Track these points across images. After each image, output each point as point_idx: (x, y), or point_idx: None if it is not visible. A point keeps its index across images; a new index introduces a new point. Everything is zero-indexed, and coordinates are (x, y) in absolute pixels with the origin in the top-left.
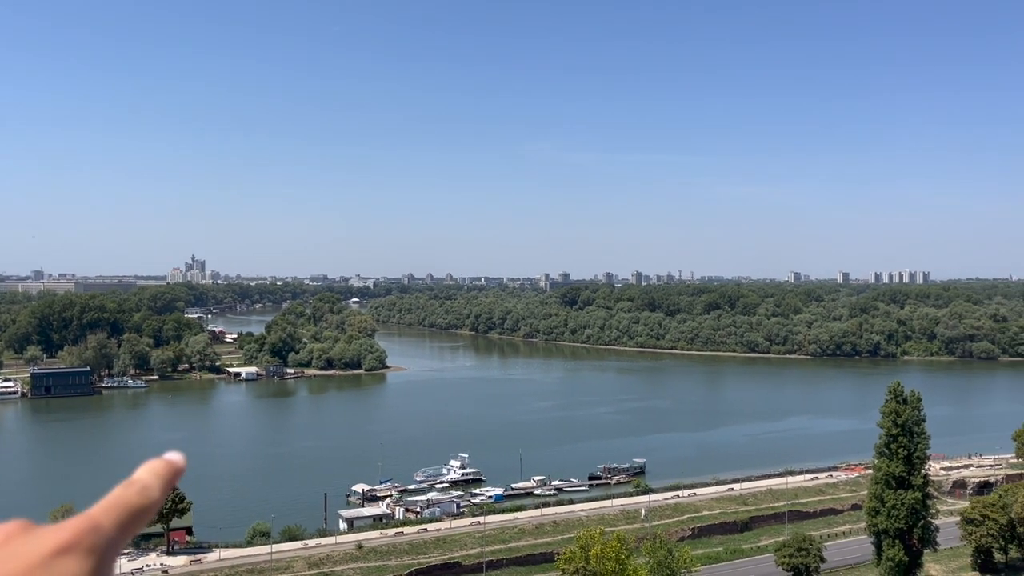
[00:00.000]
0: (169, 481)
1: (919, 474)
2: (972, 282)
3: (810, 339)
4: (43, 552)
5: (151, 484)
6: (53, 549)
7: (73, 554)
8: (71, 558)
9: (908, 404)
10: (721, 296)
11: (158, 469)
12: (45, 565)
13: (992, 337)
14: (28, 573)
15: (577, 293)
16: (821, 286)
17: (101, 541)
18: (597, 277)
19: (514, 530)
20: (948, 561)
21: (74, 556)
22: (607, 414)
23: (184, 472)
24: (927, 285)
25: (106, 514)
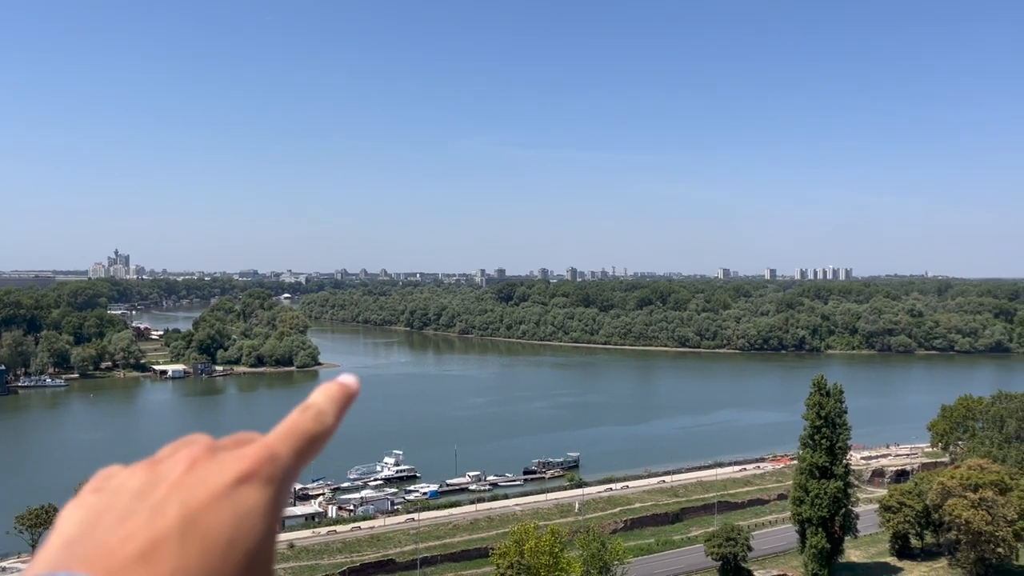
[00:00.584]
0: (343, 406)
1: (841, 464)
2: (891, 279)
3: (739, 334)
4: (225, 481)
5: (326, 409)
6: (235, 478)
7: (253, 483)
8: (251, 488)
9: (831, 396)
10: (653, 292)
11: (333, 393)
12: (227, 494)
13: (909, 331)
14: (211, 502)
15: (513, 289)
16: (749, 282)
17: (278, 470)
18: (533, 273)
19: (448, 526)
20: (867, 547)
21: (254, 486)
22: (542, 409)
23: (357, 396)
24: (849, 282)
25: (282, 442)
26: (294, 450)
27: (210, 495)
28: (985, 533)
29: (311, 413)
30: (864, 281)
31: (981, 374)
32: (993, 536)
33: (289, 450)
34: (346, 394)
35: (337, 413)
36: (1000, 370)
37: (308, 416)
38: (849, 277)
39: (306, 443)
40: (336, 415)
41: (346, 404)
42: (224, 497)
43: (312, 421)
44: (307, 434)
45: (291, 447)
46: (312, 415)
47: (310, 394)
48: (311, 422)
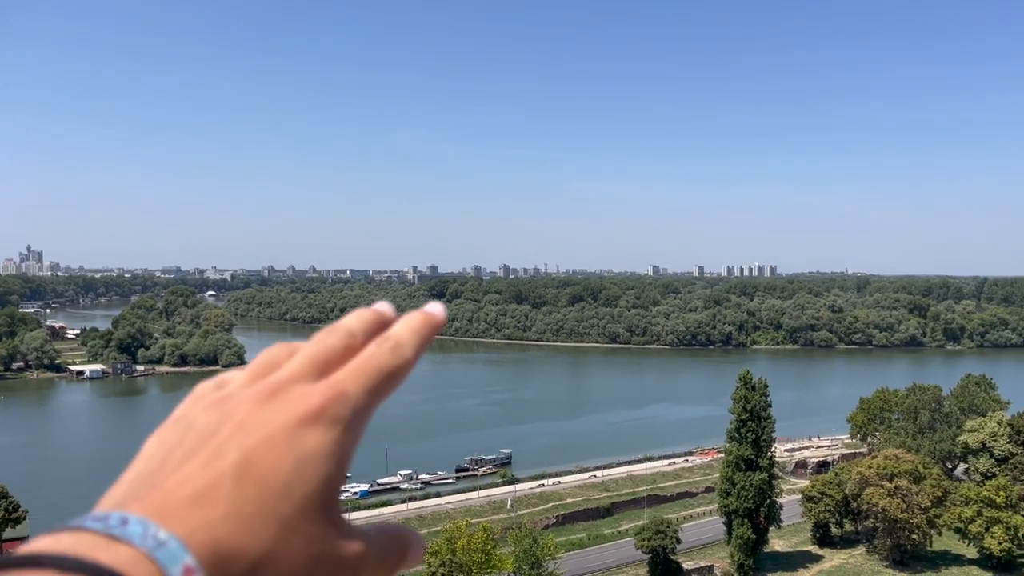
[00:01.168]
0: (427, 337)
1: (766, 456)
2: (813, 275)
3: (668, 330)
4: (288, 422)
5: (406, 341)
6: (298, 419)
7: (318, 425)
8: (315, 429)
9: (756, 391)
10: (585, 289)
11: (415, 323)
12: (288, 436)
13: (830, 326)
14: (271, 444)
15: (446, 286)
16: (678, 279)
17: (347, 410)
18: (466, 270)
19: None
20: (791, 537)
21: (318, 427)
22: (475, 406)
23: (442, 326)
24: (774, 278)
25: (354, 378)
26: (367, 387)
27: (270, 436)
28: (900, 520)
29: (388, 345)
30: (788, 278)
31: (897, 367)
32: (908, 523)
33: (361, 388)
34: (431, 323)
35: (418, 345)
36: (914, 363)
37: (385, 349)
38: (774, 274)
39: (381, 379)
40: (417, 348)
41: (429, 336)
42: (285, 439)
43: (389, 354)
44: (383, 369)
45: (363, 384)
46: (389, 347)
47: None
48: (388, 355)
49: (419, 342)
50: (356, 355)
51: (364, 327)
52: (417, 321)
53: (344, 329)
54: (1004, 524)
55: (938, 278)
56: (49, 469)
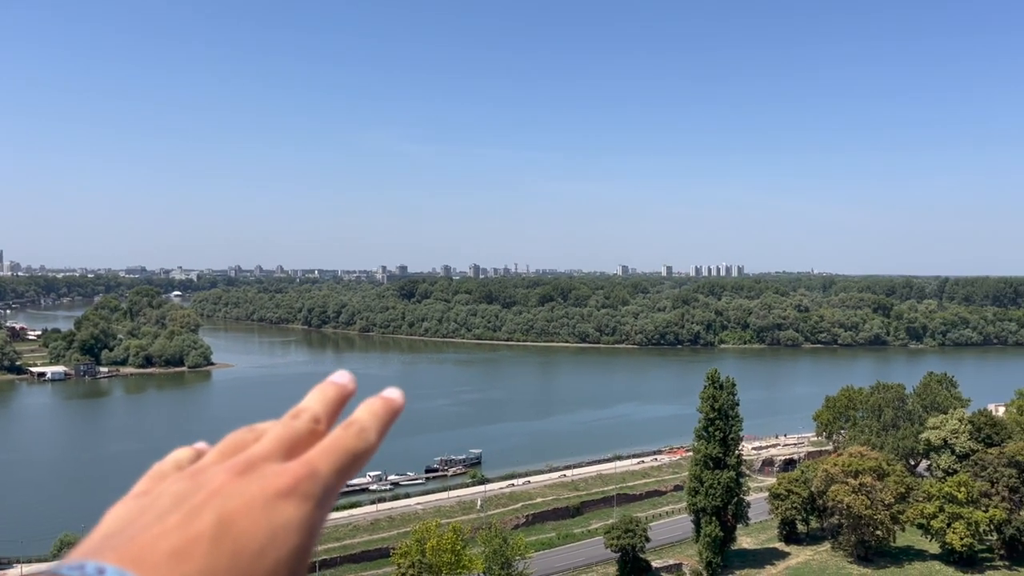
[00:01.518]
0: (387, 422)
1: (733, 455)
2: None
3: (637, 329)
4: (264, 494)
5: (369, 426)
6: (274, 492)
7: (291, 499)
8: (289, 503)
9: (724, 389)
10: (554, 288)
11: (376, 409)
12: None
13: (796, 326)
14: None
15: (415, 286)
16: (647, 279)
17: (318, 487)
18: (435, 270)
19: (348, 527)
20: (758, 534)
21: (292, 501)
22: (445, 406)
23: (401, 411)
24: (741, 278)
25: (324, 458)
26: (335, 467)
27: (247, 505)
28: (865, 517)
29: (354, 430)
30: (755, 278)
31: (861, 366)
32: (872, 519)
33: (330, 467)
34: (390, 409)
35: (380, 429)
36: (878, 362)
37: (351, 433)
38: (741, 274)
39: (348, 460)
40: (379, 431)
41: (390, 420)
42: (261, 508)
43: (355, 438)
44: (349, 451)
45: (332, 464)
46: (355, 432)
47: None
48: (353, 439)
49: (381, 427)
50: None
51: (327, 409)
52: (379, 406)
53: (309, 414)
54: (965, 520)
55: (901, 278)
56: (9, 472)
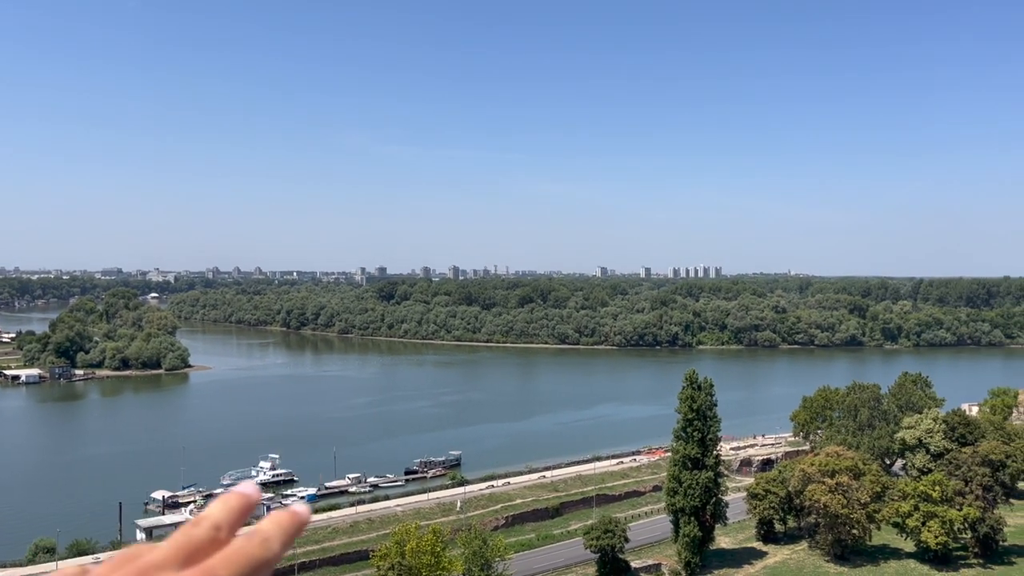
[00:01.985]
0: (292, 534)
1: (712, 455)
2: (757, 277)
3: (616, 330)
4: None
5: (272, 536)
6: None
7: None
8: None
9: (702, 390)
10: (534, 290)
11: (282, 521)
12: None
13: (773, 327)
14: None
15: (394, 287)
16: (626, 280)
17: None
18: (415, 271)
19: (327, 530)
20: (736, 533)
21: None
22: (424, 408)
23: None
24: (719, 280)
25: (225, 567)
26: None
27: None
28: (841, 516)
29: (257, 540)
30: (733, 279)
31: (838, 366)
32: (848, 518)
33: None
34: (296, 523)
35: (284, 540)
36: (854, 362)
37: (254, 543)
38: (719, 275)
39: (249, 569)
40: (283, 542)
41: (294, 533)
42: None
43: (258, 547)
44: (251, 560)
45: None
46: (258, 542)
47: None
48: (256, 548)
49: (285, 538)
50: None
51: (230, 519)
52: (285, 519)
53: (210, 522)
54: (940, 518)
55: (877, 279)
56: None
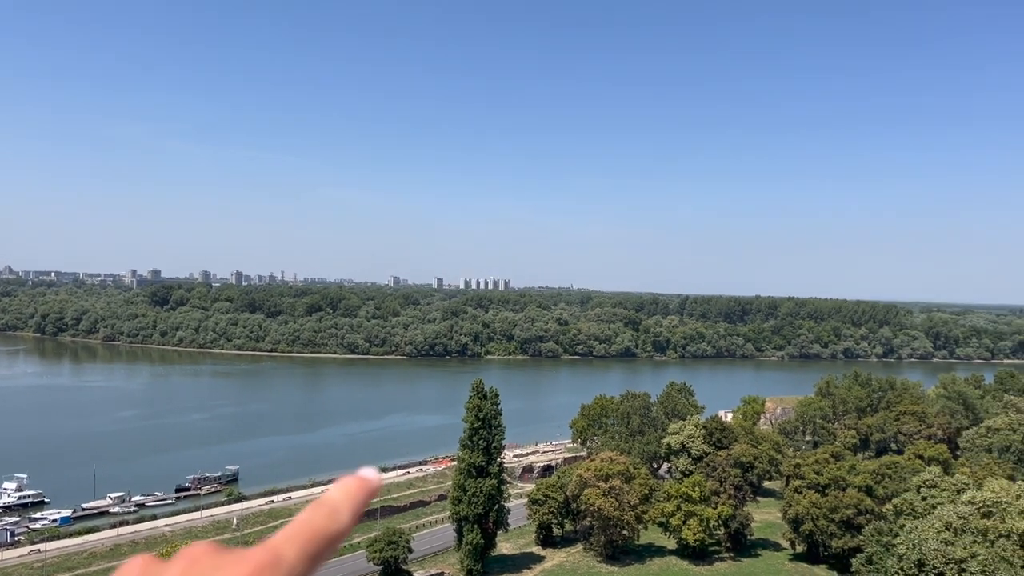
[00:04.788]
0: (361, 503)
1: (496, 463)
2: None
3: (407, 340)
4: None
5: (341, 506)
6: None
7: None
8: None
9: (488, 399)
10: (324, 298)
11: (350, 488)
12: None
13: (557, 338)
14: None
15: (170, 292)
16: (418, 290)
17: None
18: (193, 275)
19: (83, 555)
20: (517, 539)
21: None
22: (200, 421)
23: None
24: (508, 292)
25: (290, 543)
26: (303, 552)
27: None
28: (613, 518)
29: (324, 511)
30: (520, 292)
31: (613, 376)
32: (619, 520)
33: (297, 553)
34: (365, 489)
35: (353, 510)
36: (628, 372)
37: (321, 514)
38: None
39: (316, 545)
40: (352, 512)
41: (365, 500)
42: None
43: (325, 519)
44: (318, 534)
45: (299, 549)
46: (325, 513)
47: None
48: (323, 520)
49: (355, 507)
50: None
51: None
52: (353, 486)
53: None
54: (698, 516)
55: (649, 295)
56: None
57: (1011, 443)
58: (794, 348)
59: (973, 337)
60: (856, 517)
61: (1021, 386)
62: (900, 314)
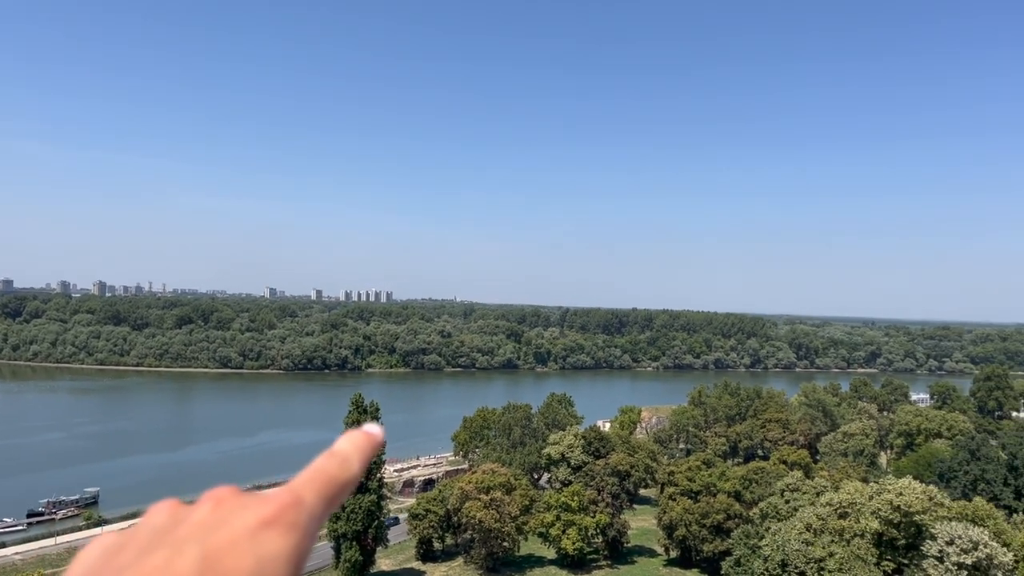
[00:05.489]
0: (368, 454)
1: (375, 478)
2: (426, 302)
3: (283, 354)
4: (249, 525)
5: (351, 456)
6: (258, 522)
7: (277, 528)
8: (275, 532)
9: (368, 413)
10: (195, 310)
11: (358, 441)
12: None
13: (439, 350)
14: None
15: (23, 303)
16: (296, 302)
17: (303, 516)
18: (51, 286)
19: None
20: (396, 555)
21: (278, 530)
22: (56, 441)
23: (383, 445)
24: (390, 304)
25: (308, 487)
26: (320, 495)
27: (232, 537)
28: (494, 530)
29: (337, 459)
30: (403, 304)
31: (496, 388)
32: (500, 532)
33: (315, 495)
34: (371, 443)
35: (362, 460)
36: (510, 383)
37: (334, 462)
38: (390, 300)
39: (331, 489)
40: (361, 463)
41: (371, 453)
42: (246, 540)
43: (337, 467)
44: (334, 480)
45: (317, 492)
46: (338, 462)
47: (336, 441)
48: (336, 467)
49: (363, 458)
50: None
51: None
52: (360, 439)
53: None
54: (577, 526)
55: (531, 307)
56: None
57: (864, 447)
58: (668, 359)
59: (831, 348)
60: (726, 521)
61: (873, 393)
62: (766, 326)
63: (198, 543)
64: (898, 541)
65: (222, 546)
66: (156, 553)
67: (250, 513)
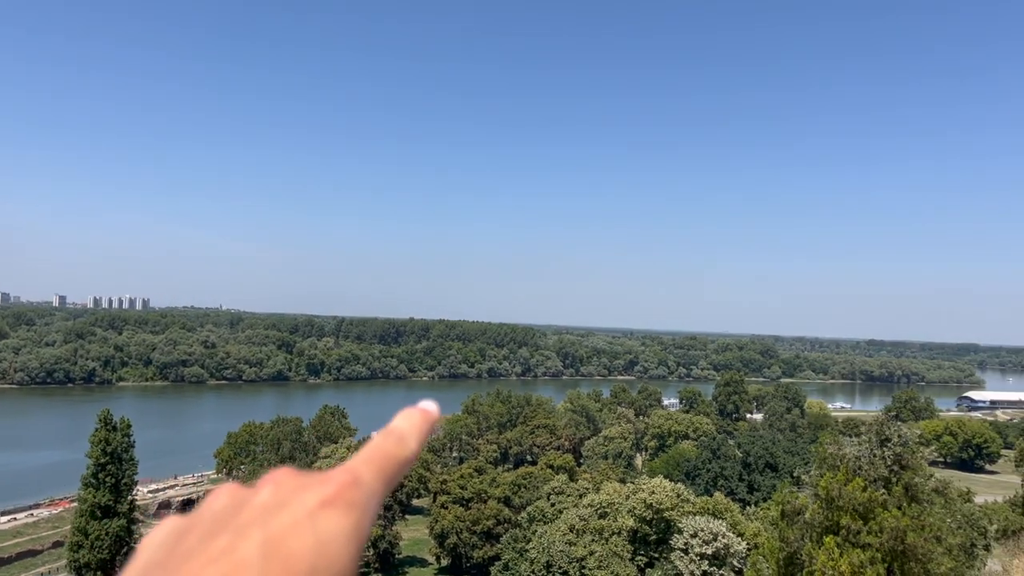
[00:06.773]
0: (426, 432)
1: (126, 501)
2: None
3: (17, 367)
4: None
5: (408, 434)
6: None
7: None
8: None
9: (118, 431)
10: None
11: (414, 419)
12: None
13: (202, 362)
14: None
15: None
16: (34, 309)
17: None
18: None
19: None
20: None
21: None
22: None
23: (438, 421)
24: (147, 312)
25: (367, 466)
26: (379, 474)
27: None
28: None
29: (394, 438)
30: (162, 312)
31: (264, 401)
32: None
33: (374, 474)
34: (428, 420)
35: (419, 438)
36: (280, 397)
37: (391, 441)
38: (147, 307)
39: (390, 468)
40: (418, 440)
41: (428, 430)
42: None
43: (396, 446)
44: (391, 458)
45: (376, 471)
46: (395, 440)
47: (393, 419)
48: (394, 446)
49: (420, 436)
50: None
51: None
52: (416, 416)
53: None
54: None
55: (304, 316)
56: None
57: (622, 449)
58: (444, 368)
59: (595, 357)
60: (496, 527)
61: (631, 399)
62: (536, 336)
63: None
64: (650, 536)
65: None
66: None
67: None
